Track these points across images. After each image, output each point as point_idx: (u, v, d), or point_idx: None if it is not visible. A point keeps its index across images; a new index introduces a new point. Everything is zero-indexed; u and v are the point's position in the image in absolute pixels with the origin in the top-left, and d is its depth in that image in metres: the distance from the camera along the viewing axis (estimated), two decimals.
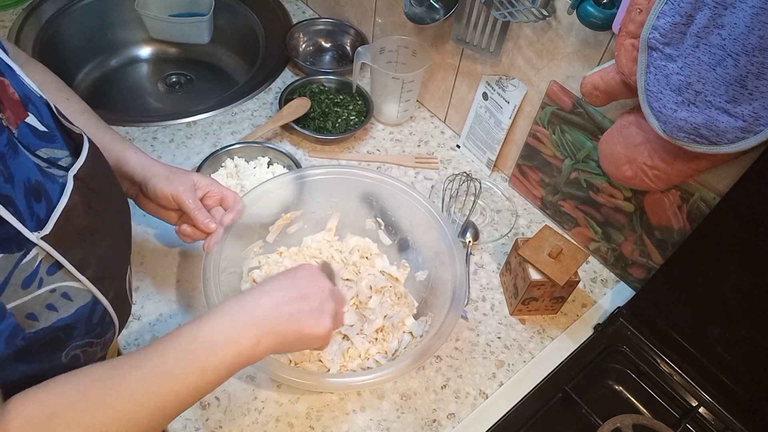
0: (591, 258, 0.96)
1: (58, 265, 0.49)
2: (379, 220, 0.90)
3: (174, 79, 1.33)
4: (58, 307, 0.50)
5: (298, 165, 0.97)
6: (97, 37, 1.30)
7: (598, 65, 0.79)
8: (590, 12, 0.72)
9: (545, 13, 0.80)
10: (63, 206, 0.49)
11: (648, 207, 0.84)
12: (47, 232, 0.47)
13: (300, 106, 1.06)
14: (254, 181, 0.94)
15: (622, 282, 0.94)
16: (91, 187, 0.54)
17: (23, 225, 0.45)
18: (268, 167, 0.98)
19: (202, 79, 1.34)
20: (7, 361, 0.47)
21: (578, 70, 0.84)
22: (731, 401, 0.80)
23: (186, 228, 0.75)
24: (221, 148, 0.97)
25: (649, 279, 0.83)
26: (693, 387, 0.82)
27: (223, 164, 0.97)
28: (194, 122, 1.07)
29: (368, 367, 0.78)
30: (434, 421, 0.77)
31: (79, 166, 0.52)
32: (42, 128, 0.52)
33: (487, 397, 0.80)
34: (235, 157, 0.98)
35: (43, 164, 0.51)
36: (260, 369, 0.71)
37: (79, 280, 0.51)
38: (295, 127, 1.04)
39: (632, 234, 0.88)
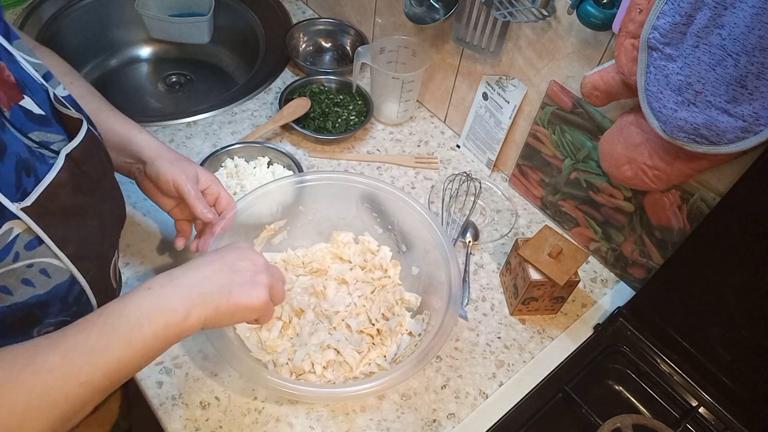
0: (591, 258, 0.96)
1: (39, 241, 0.49)
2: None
3: (174, 79, 1.33)
4: (35, 282, 0.50)
5: (298, 165, 0.97)
6: (97, 37, 1.30)
7: (598, 65, 0.79)
8: (590, 12, 0.73)
9: (545, 13, 0.80)
10: (49, 181, 0.50)
11: (648, 207, 0.84)
12: (28, 204, 0.48)
13: (300, 106, 1.06)
14: (254, 181, 0.94)
15: (622, 282, 0.94)
16: (83, 168, 0.54)
17: (3, 195, 0.46)
18: (268, 167, 0.98)
19: (202, 79, 1.34)
20: None
21: (578, 70, 0.84)
22: (731, 401, 0.80)
23: (183, 224, 0.77)
24: (221, 148, 0.97)
25: (649, 279, 0.83)
26: (693, 387, 0.82)
27: (223, 164, 0.97)
28: (194, 122, 1.07)
29: (371, 372, 0.77)
30: (434, 421, 0.77)
31: (73, 146, 0.53)
32: (38, 111, 0.53)
33: (487, 397, 0.80)
34: (235, 157, 0.98)
35: (33, 146, 0.51)
36: (263, 386, 0.71)
37: (58, 257, 0.51)
38: (295, 127, 1.04)
39: (632, 234, 0.88)
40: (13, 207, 0.47)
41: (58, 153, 0.53)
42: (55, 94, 0.56)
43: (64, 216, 0.52)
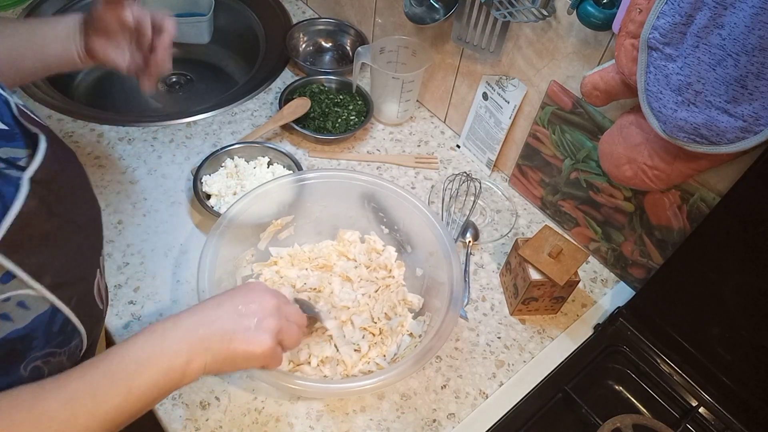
0: (591, 258, 0.96)
1: (11, 274, 0.46)
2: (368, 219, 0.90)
3: (174, 79, 1.33)
4: (12, 317, 0.47)
5: (298, 165, 0.97)
6: None
7: (598, 65, 0.79)
8: (590, 12, 0.73)
9: (545, 13, 0.80)
10: (16, 211, 0.46)
11: (648, 207, 0.84)
12: None
13: (300, 106, 1.06)
14: (254, 180, 0.94)
15: (622, 282, 0.94)
16: (51, 189, 0.50)
17: None
18: (268, 167, 0.98)
19: (202, 79, 1.34)
20: None
21: (578, 70, 0.84)
22: (731, 401, 0.80)
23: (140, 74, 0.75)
24: (221, 148, 0.97)
25: (649, 279, 0.83)
26: (693, 387, 0.82)
27: (223, 164, 0.97)
28: (194, 122, 1.07)
29: (369, 371, 0.77)
30: (434, 421, 0.77)
31: (35, 169, 0.49)
32: (2, 126, 0.50)
33: (487, 397, 0.80)
34: (235, 157, 0.98)
35: (1, 165, 0.48)
36: (259, 378, 0.70)
37: (34, 288, 0.48)
38: (295, 127, 1.04)
39: (632, 234, 0.88)
40: None
41: (24, 170, 0.49)
42: (17, 105, 0.52)
43: (39, 244, 0.49)
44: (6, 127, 0.50)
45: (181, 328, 0.55)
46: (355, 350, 0.79)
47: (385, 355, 0.79)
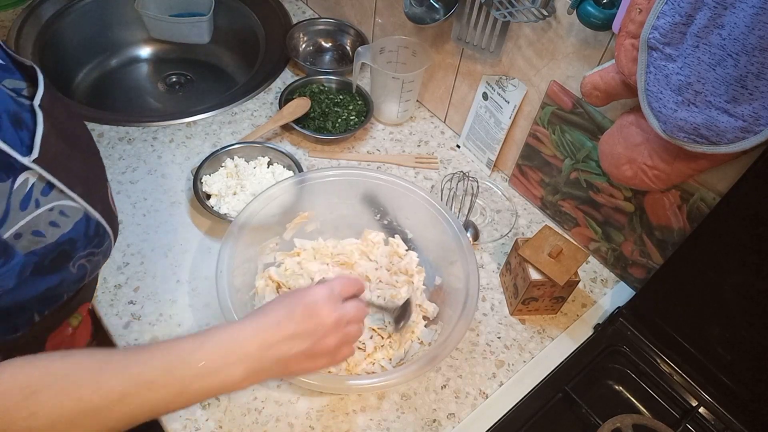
0: (591, 258, 0.96)
1: (50, 187, 0.53)
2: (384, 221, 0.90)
3: (174, 79, 1.33)
4: (59, 223, 0.55)
5: (298, 165, 0.97)
6: (97, 37, 1.30)
7: (598, 65, 0.79)
8: (590, 12, 0.72)
9: (545, 13, 0.80)
10: (42, 132, 0.52)
11: (648, 207, 0.84)
12: (37, 155, 0.51)
13: (300, 106, 1.06)
14: (254, 181, 0.94)
15: (622, 282, 0.94)
16: (53, 114, 0.56)
17: (13, 149, 0.49)
18: (268, 167, 0.98)
19: (202, 79, 1.34)
20: (28, 280, 0.53)
21: (578, 70, 0.84)
22: (731, 401, 0.80)
23: None
24: (221, 148, 0.97)
25: (649, 279, 0.83)
26: (693, 387, 0.82)
27: (223, 164, 0.97)
28: (194, 122, 1.07)
29: (372, 372, 0.77)
30: (434, 421, 0.77)
31: (41, 96, 0.55)
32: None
33: (487, 397, 0.80)
34: (235, 157, 0.98)
35: (12, 94, 0.53)
36: None
37: (71, 198, 0.56)
38: (295, 127, 1.04)
39: (632, 234, 0.88)
40: (26, 160, 0.50)
41: (29, 98, 0.55)
42: (4, 43, 0.57)
43: (60, 161, 0.55)
44: (2, 62, 0.55)
45: (245, 350, 0.57)
46: (360, 348, 0.79)
47: (391, 359, 0.79)
